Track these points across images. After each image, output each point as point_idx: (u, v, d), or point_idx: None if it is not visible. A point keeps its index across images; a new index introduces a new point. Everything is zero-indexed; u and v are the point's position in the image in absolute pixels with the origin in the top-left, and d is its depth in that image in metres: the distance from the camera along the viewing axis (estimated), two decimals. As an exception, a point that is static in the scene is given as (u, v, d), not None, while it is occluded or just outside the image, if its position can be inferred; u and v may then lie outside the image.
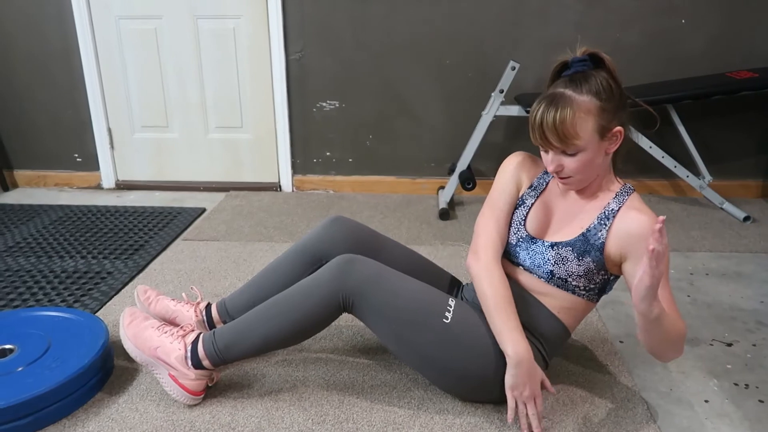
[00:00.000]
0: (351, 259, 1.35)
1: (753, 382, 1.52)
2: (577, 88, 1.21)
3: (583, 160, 1.23)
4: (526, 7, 2.77)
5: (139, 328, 1.40)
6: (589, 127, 1.20)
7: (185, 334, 1.39)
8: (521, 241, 1.38)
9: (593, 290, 1.35)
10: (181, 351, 1.35)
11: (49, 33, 2.94)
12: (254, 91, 3.00)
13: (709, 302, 1.94)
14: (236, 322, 1.38)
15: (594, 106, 1.20)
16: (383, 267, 1.36)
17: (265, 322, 1.35)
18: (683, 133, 2.74)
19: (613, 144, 1.25)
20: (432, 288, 1.38)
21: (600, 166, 1.27)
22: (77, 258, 2.23)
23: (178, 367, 1.35)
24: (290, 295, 1.36)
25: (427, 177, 3.08)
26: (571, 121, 1.19)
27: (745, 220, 2.63)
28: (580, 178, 1.27)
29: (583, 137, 1.20)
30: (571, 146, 1.21)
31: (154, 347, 1.36)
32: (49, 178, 3.19)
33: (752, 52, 2.78)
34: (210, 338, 1.37)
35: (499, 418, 1.36)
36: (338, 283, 1.32)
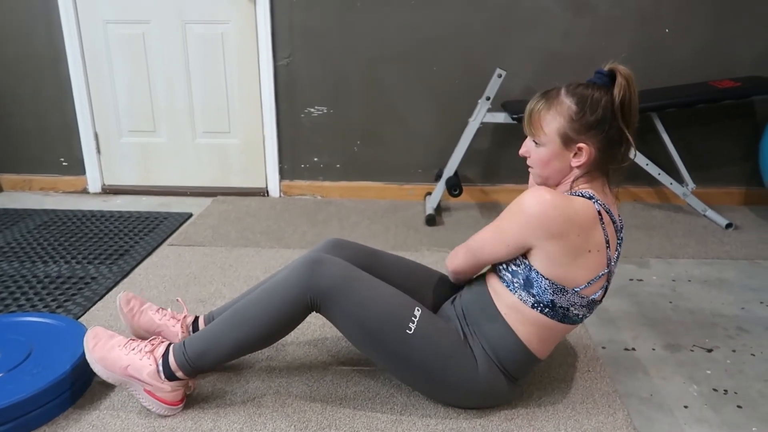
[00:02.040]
0: (319, 260, 1.34)
1: (732, 387, 1.54)
2: (571, 90, 1.26)
3: (540, 155, 1.30)
4: (514, 15, 2.80)
5: (105, 349, 1.35)
6: (554, 127, 1.26)
7: (153, 349, 1.36)
8: None
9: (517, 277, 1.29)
10: (152, 366, 1.33)
11: (36, 37, 2.92)
12: (242, 97, 3.00)
13: (691, 308, 1.96)
14: (206, 329, 1.37)
15: (568, 112, 1.24)
16: (352, 270, 1.35)
17: (235, 327, 1.34)
18: (667, 141, 2.77)
19: (578, 159, 1.26)
20: (402, 296, 1.36)
21: (559, 171, 1.30)
22: (61, 263, 2.22)
23: (152, 382, 1.33)
24: (258, 298, 1.34)
25: (414, 183, 3.09)
26: (539, 115, 1.28)
27: (728, 227, 2.66)
28: (537, 172, 1.33)
29: (546, 134, 1.27)
30: (536, 135, 1.29)
31: (124, 366, 1.33)
32: (35, 182, 3.17)
33: (735, 62, 2.82)
34: (180, 349, 1.35)
35: (481, 424, 1.37)
36: (306, 285, 1.31)
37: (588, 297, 1.28)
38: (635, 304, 1.98)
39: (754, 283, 2.14)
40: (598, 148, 1.25)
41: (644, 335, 1.79)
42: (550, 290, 1.26)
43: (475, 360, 1.34)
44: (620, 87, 1.22)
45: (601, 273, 1.26)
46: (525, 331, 1.32)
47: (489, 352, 1.34)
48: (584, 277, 1.25)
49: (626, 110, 1.24)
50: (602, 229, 1.24)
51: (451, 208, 2.95)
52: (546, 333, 1.33)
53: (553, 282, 1.25)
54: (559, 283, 1.25)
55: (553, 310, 1.29)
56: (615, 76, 1.24)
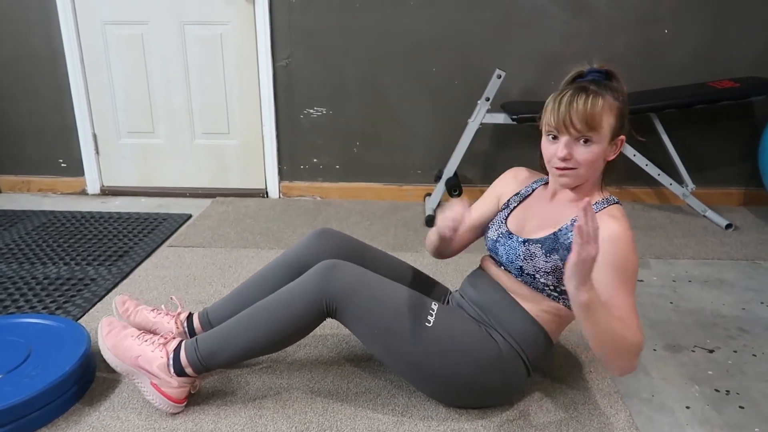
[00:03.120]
0: (334, 265, 1.35)
1: (734, 388, 1.54)
2: (601, 87, 1.26)
3: (593, 153, 1.25)
4: (513, 16, 2.80)
5: (119, 337, 1.38)
6: (609, 122, 1.25)
7: (166, 342, 1.38)
8: (501, 236, 1.41)
9: (566, 293, 1.35)
10: (164, 359, 1.34)
11: (34, 38, 2.92)
12: (241, 98, 2.99)
13: (692, 309, 1.96)
14: (219, 328, 1.37)
15: (615, 106, 1.25)
16: (366, 272, 1.36)
17: (248, 328, 1.34)
18: (666, 142, 2.77)
19: (614, 152, 1.30)
20: (416, 293, 1.39)
21: (597, 169, 1.30)
22: (60, 264, 2.21)
23: (160, 375, 1.34)
24: (273, 302, 1.35)
25: (413, 184, 3.08)
26: (600, 110, 1.23)
27: (727, 227, 2.66)
28: (582, 173, 1.27)
29: (603, 129, 1.24)
30: (593, 134, 1.23)
31: (135, 356, 1.35)
32: (33, 184, 3.16)
33: (734, 63, 2.82)
34: (192, 345, 1.36)
35: (482, 425, 1.36)
36: (321, 289, 1.32)
37: None
38: (636, 305, 1.98)
39: (754, 283, 2.14)
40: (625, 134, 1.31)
41: (645, 336, 1.79)
42: None
43: (500, 349, 1.35)
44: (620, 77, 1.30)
45: None
46: (548, 319, 1.37)
47: (514, 343, 1.36)
48: None
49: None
50: None
51: (451, 209, 2.95)
52: (566, 319, 1.39)
53: None
54: None
55: None
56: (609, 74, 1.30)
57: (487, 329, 1.38)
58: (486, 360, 1.32)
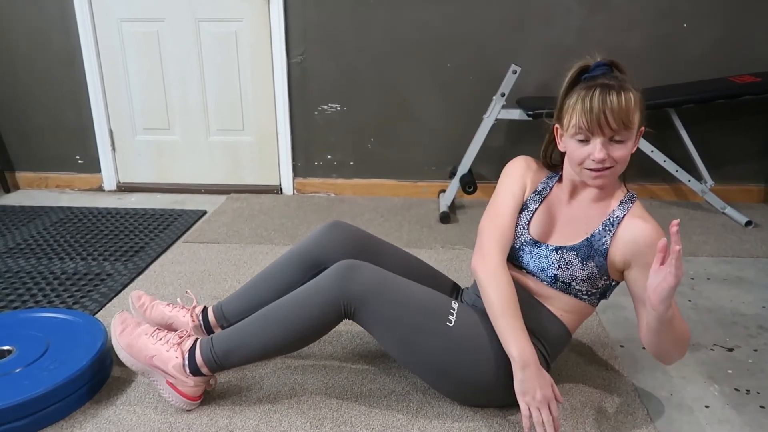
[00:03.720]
0: (353, 266, 1.33)
1: (754, 387, 1.51)
2: (620, 81, 1.21)
3: (628, 149, 1.22)
4: (529, 11, 2.78)
5: (132, 336, 1.36)
6: (637, 118, 1.22)
7: (181, 341, 1.37)
8: (525, 244, 1.37)
9: (595, 294, 1.35)
10: (179, 359, 1.33)
11: (52, 35, 2.94)
12: (256, 94, 3.00)
13: (711, 307, 1.93)
14: (234, 328, 1.36)
15: (639, 100, 1.22)
16: (385, 273, 1.34)
17: (264, 329, 1.33)
18: (685, 137, 2.73)
19: (635, 146, 1.26)
20: (434, 292, 1.37)
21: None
22: (77, 260, 2.23)
23: (176, 375, 1.33)
24: (290, 302, 1.34)
25: (428, 180, 3.07)
26: (633, 105, 1.19)
27: (747, 224, 2.62)
28: (617, 171, 1.25)
29: (634, 125, 1.21)
30: (628, 130, 1.20)
31: (150, 356, 1.34)
32: (51, 180, 3.19)
33: (755, 57, 2.77)
34: (208, 345, 1.35)
35: (498, 423, 1.35)
36: (339, 291, 1.30)
37: None
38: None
39: (775, 281, 2.11)
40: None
41: (663, 334, 1.76)
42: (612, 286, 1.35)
43: None
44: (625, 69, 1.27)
45: None
46: (570, 317, 1.37)
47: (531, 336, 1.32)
48: None
49: None
50: None
51: (466, 206, 2.94)
52: (586, 314, 1.39)
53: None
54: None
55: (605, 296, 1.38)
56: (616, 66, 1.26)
57: None
58: (506, 358, 1.30)
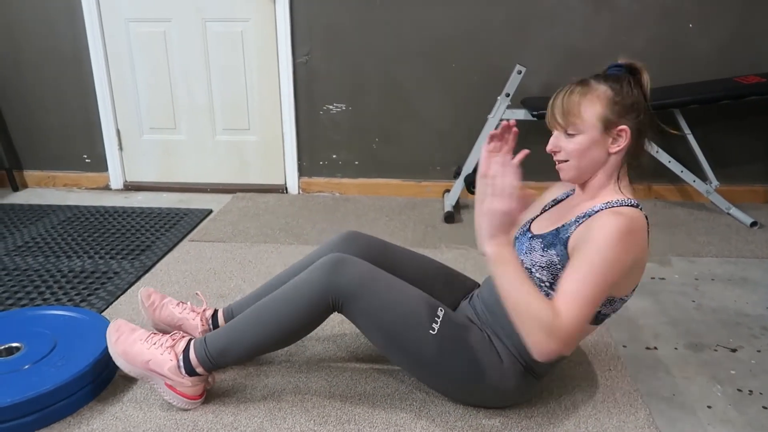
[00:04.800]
0: (341, 260, 1.34)
1: (757, 388, 1.51)
2: (600, 79, 1.25)
3: (580, 144, 1.23)
4: (534, 11, 2.78)
5: (127, 343, 1.37)
6: (594, 112, 1.22)
7: (174, 344, 1.37)
8: (519, 234, 1.42)
9: None
10: (173, 362, 1.34)
11: (60, 35, 2.97)
12: (261, 94, 3.01)
13: (714, 307, 1.93)
14: (227, 327, 1.37)
15: (606, 95, 1.22)
16: (374, 270, 1.35)
17: (256, 325, 1.34)
18: (690, 138, 2.72)
19: (617, 144, 1.24)
20: (423, 296, 1.36)
21: (596, 161, 1.25)
22: (84, 258, 2.25)
23: (172, 377, 1.35)
24: (280, 297, 1.35)
25: (432, 180, 3.08)
26: (578, 101, 1.22)
27: (752, 225, 2.62)
28: (574, 165, 1.25)
29: (585, 119, 1.22)
30: (571, 125, 1.23)
31: (146, 360, 1.35)
32: (58, 179, 3.22)
33: (760, 57, 2.76)
34: (201, 345, 1.36)
35: (500, 421, 1.36)
36: (327, 285, 1.31)
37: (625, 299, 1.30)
38: (657, 303, 1.96)
39: (780, 282, 2.11)
40: (633, 135, 1.24)
41: (666, 334, 1.77)
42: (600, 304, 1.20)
43: (501, 359, 1.33)
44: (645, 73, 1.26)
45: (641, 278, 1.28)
46: None
47: (513, 350, 1.33)
48: (632, 285, 1.27)
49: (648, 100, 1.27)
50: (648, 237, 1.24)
51: (470, 206, 2.94)
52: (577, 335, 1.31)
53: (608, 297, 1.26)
54: (610, 296, 1.26)
55: (595, 317, 1.28)
56: (633, 69, 1.27)
57: (490, 336, 1.36)
58: (488, 372, 1.31)
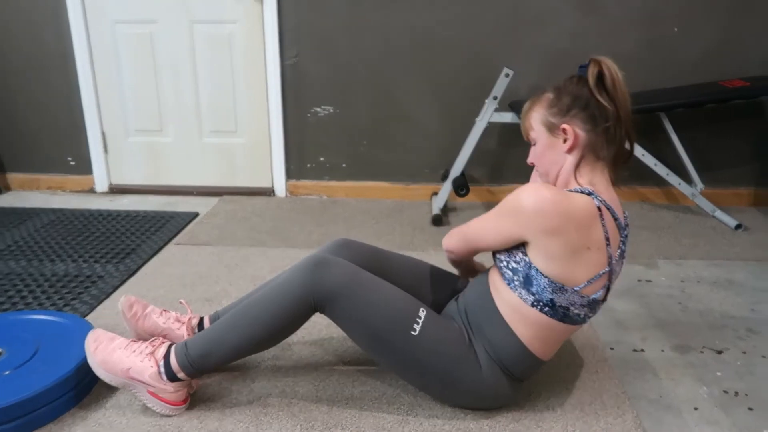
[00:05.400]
0: (323, 261, 1.33)
1: (743, 389, 1.52)
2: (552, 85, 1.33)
3: (537, 151, 1.35)
4: (522, 15, 2.79)
5: (106, 352, 1.34)
6: (538, 118, 1.33)
7: (154, 350, 1.35)
8: None
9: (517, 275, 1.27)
10: (154, 368, 1.33)
11: (45, 36, 2.93)
12: (249, 96, 3.00)
13: (701, 310, 1.94)
14: (208, 331, 1.36)
15: (546, 100, 1.32)
16: (356, 272, 1.34)
17: (237, 327, 1.33)
18: (676, 141, 2.75)
19: (568, 142, 1.29)
20: (407, 298, 1.35)
21: (555, 162, 1.32)
22: (68, 261, 2.22)
23: (154, 384, 1.33)
24: (262, 299, 1.33)
25: (420, 183, 3.08)
26: (527, 113, 1.36)
27: (737, 228, 2.64)
28: (541, 171, 1.36)
29: (534, 128, 1.34)
30: (529, 136, 1.36)
31: (126, 368, 1.33)
32: (42, 182, 3.18)
33: (745, 61, 2.80)
34: (182, 350, 1.34)
35: (488, 424, 1.36)
36: (309, 287, 1.30)
37: (588, 296, 1.26)
38: (644, 306, 1.96)
39: (764, 284, 2.12)
40: (583, 128, 1.28)
41: (653, 336, 1.77)
42: (549, 288, 1.24)
43: (479, 362, 1.33)
44: (594, 65, 1.28)
45: (601, 272, 1.25)
46: (526, 332, 1.30)
47: (491, 353, 1.33)
48: (584, 275, 1.24)
49: (608, 88, 1.26)
50: (602, 226, 1.23)
51: (458, 208, 2.94)
52: (547, 333, 1.31)
53: (552, 280, 1.23)
54: (557, 282, 1.24)
55: (553, 309, 1.27)
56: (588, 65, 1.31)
57: (471, 338, 1.36)
58: (465, 371, 1.32)
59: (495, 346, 1.33)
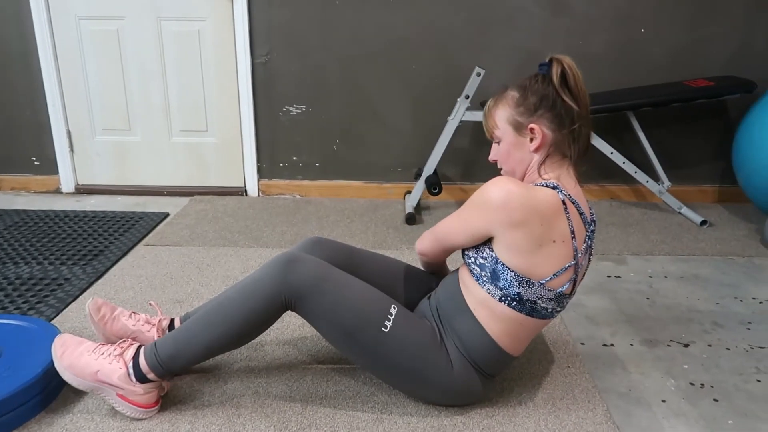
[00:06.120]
0: (293, 258, 1.32)
1: (708, 381, 1.56)
2: (515, 83, 1.34)
3: (502, 150, 1.35)
4: (493, 15, 2.81)
5: (74, 356, 1.32)
6: (504, 116, 1.33)
7: (123, 352, 1.33)
8: None
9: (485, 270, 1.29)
10: (122, 369, 1.30)
11: (6, 32, 2.85)
12: (219, 95, 2.96)
13: (668, 304, 1.98)
14: (177, 331, 1.34)
15: (512, 99, 1.32)
16: (326, 268, 1.33)
17: (208, 326, 1.31)
18: (643, 140, 2.80)
19: (534, 142, 1.30)
20: (378, 294, 1.36)
21: (521, 161, 1.33)
22: (33, 264, 2.17)
23: (123, 385, 1.30)
24: (231, 298, 1.32)
25: (393, 182, 3.08)
26: (491, 111, 1.36)
27: (702, 224, 2.71)
28: (506, 169, 1.36)
29: (500, 127, 1.34)
30: (493, 134, 1.36)
31: (94, 371, 1.30)
32: (5, 182, 3.09)
33: (709, 62, 2.87)
34: (151, 350, 1.32)
35: (462, 421, 1.36)
36: (279, 284, 1.29)
37: (555, 290, 1.28)
38: (613, 301, 2.00)
39: (728, 279, 2.18)
40: (550, 128, 1.29)
41: (622, 331, 1.81)
42: (516, 282, 1.26)
43: (449, 358, 1.34)
44: (557, 64, 1.29)
45: (567, 265, 1.27)
46: (495, 327, 1.32)
47: (462, 350, 1.34)
48: (549, 268, 1.26)
49: (572, 87, 1.28)
50: (567, 219, 1.25)
51: (431, 207, 2.95)
52: (516, 328, 1.32)
53: (518, 274, 1.25)
54: (524, 275, 1.25)
55: (521, 303, 1.28)
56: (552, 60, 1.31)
57: (442, 336, 1.37)
58: (437, 367, 1.32)
59: (465, 342, 1.34)
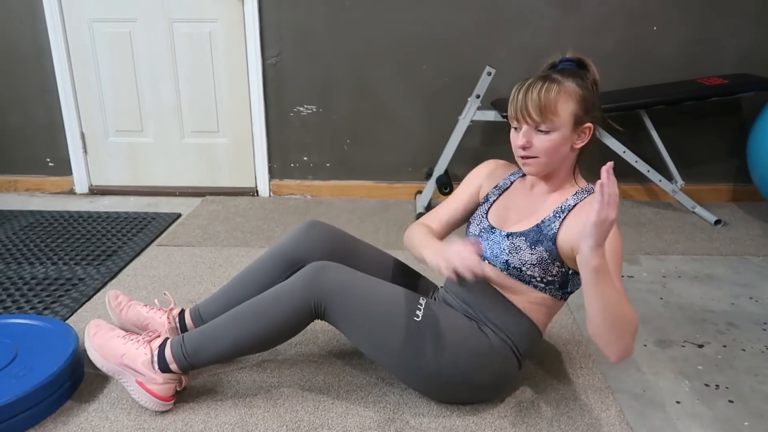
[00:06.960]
0: (323, 266, 1.35)
1: (723, 382, 1.54)
2: (564, 75, 1.28)
3: (553, 141, 1.26)
4: (503, 14, 2.80)
5: (105, 338, 1.38)
6: (569, 109, 1.25)
7: (151, 340, 1.38)
8: (483, 231, 1.42)
9: (553, 284, 1.34)
10: (147, 355, 1.34)
11: (20, 35, 2.88)
12: (231, 96, 2.97)
13: (682, 304, 1.97)
14: (206, 326, 1.37)
15: (576, 93, 1.26)
16: (354, 272, 1.36)
17: (235, 327, 1.34)
18: (656, 138, 2.78)
19: (581, 140, 1.29)
20: (402, 289, 1.39)
21: (565, 157, 1.31)
22: (48, 264, 2.19)
23: (144, 372, 1.34)
24: (262, 301, 1.35)
25: (404, 182, 3.08)
26: (555, 97, 1.24)
27: (716, 223, 2.68)
28: (544, 161, 1.29)
29: (561, 116, 1.24)
30: (548, 121, 1.24)
31: (120, 354, 1.35)
32: (20, 183, 3.12)
33: (723, 59, 2.84)
34: (179, 342, 1.36)
35: (474, 422, 1.36)
36: (310, 290, 1.32)
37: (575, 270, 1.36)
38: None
39: (743, 278, 2.16)
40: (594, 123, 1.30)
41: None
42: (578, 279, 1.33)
43: (488, 339, 1.35)
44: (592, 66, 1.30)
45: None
46: (535, 309, 1.38)
47: (499, 332, 1.37)
48: None
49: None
50: None
51: (442, 207, 2.95)
52: (553, 309, 1.40)
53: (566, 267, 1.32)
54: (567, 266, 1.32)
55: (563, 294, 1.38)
56: (581, 63, 1.32)
57: (477, 323, 1.38)
58: (476, 353, 1.33)
59: (503, 324, 1.37)
